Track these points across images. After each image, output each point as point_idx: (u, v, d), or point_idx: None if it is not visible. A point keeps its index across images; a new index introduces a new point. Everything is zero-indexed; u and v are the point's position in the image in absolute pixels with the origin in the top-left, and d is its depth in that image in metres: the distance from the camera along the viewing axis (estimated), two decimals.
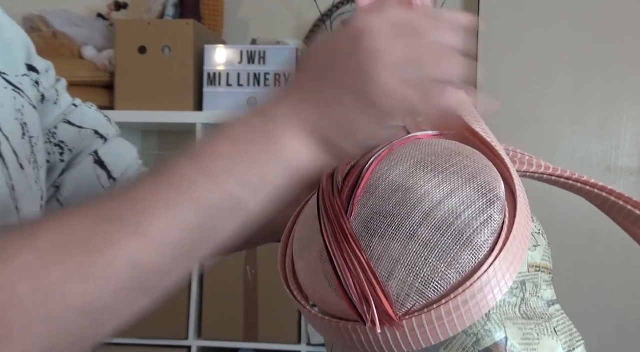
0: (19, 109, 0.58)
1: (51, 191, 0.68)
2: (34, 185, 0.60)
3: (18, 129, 0.57)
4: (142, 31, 1.86)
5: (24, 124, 0.59)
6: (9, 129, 0.55)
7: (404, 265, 0.43)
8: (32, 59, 0.65)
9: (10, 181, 0.54)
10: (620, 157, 1.83)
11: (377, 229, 0.45)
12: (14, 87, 0.59)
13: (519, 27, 1.88)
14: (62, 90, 0.69)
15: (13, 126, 0.56)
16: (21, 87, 0.60)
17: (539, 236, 0.52)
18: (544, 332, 0.47)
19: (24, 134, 0.58)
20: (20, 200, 0.57)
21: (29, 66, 0.64)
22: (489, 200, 0.44)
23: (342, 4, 2.02)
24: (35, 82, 0.65)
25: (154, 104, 1.84)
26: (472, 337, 0.44)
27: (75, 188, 0.69)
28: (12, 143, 0.55)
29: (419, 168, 0.47)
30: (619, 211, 0.54)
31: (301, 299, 0.48)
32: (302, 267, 0.49)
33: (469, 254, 0.42)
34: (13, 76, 0.59)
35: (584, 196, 0.56)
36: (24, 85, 0.60)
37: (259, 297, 1.83)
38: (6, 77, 0.58)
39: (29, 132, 0.59)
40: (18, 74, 0.61)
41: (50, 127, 0.67)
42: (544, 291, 0.50)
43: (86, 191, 0.68)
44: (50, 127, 0.67)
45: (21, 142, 0.57)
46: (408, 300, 0.42)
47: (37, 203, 0.61)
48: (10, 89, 0.58)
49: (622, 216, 0.54)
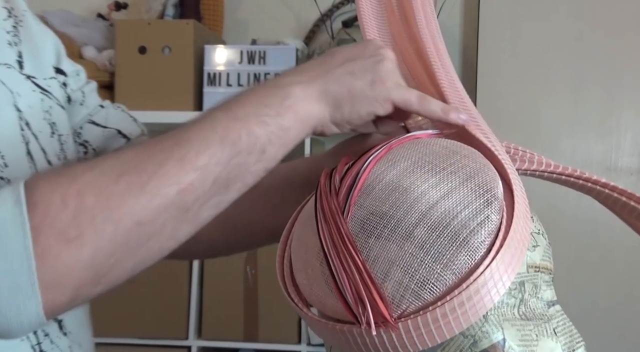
0: (47, 110, 0.62)
1: None
2: None
3: (47, 128, 0.61)
4: (142, 31, 1.86)
5: (53, 123, 0.62)
6: (38, 128, 0.59)
7: (399, 266, 0.42)
8: (61, 63, 0.68)
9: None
10: (620, 157, 1.83)
11: (373, 230, 0.44)
12: (42, 89, 0.62)
13: (519, 27, 1.88)
14: (89, 92, 0.72)
15: (42, 125, 0.60)
16: (49, 89, 0.63)
17: (538, 236, 0.51)
18: (543, 333, 0.47)
19: (53, 133, 0.62)
20: None
21: (57, 69, 0.67)
22: (486, 200, 0.44)
23: (342, 4, 2.02)
24: (63, 83, 0.68)
25: (154, 104, 1.84)
26: (469, 338, 0.44)
27: None
28: (41, 141, 0.59)
29: (417, 168, 0.47)
30: (622, 206, 0.53)
31: (298, 301, 0.48)
32: (300, 268, 0.49)
33: (466, 255, 0.42)
34: (41, 79, 0.63)
35: (587, 192, 0.55)
36: (51, 88, 0.64)
37: (259, 297, 1.83)
38: (35, 81, 0.62)
39: (57, 131, 0.63)
40: (46, 77, 0.64)
41: (77, 128, 0.70)
42: (543, 292, 0.50)
43: None
44: (77, 128, 0.70)
45: (50, 140, 0.61)
46: (403, 301, 0.42)
47: None
48: (38, 91, 0.62)
49: (626, 212, 0.53)
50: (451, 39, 1.99)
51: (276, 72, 1.85)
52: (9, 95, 0.57)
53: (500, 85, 1.88)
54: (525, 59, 1.87)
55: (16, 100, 0.57)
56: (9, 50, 0.60)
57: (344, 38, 1.85)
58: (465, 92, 0.59)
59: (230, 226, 0.69)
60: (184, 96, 1.85)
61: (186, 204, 0.47)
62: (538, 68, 1.86)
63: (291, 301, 0.48)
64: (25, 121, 0.58)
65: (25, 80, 0.60)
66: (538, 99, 1.86)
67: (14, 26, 0.62)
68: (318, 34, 2.06)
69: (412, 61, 0.62)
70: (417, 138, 0.53)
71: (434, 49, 0.59)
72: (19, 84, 0.59)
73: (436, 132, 0.56)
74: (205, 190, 0.47)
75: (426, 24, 0.61)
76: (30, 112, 0.59)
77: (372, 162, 0.49)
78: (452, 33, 2.02)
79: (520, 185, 0.48)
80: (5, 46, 0.60)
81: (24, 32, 0.63)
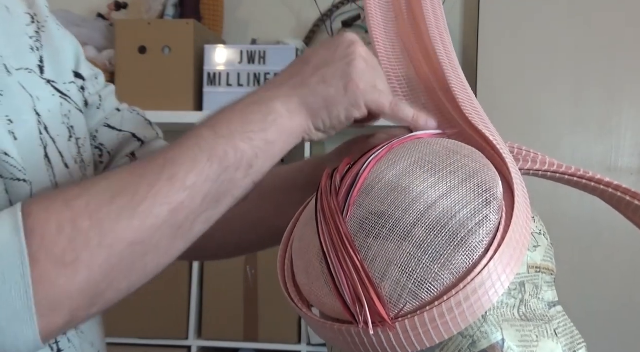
0: (65, 114, 0.63)
1: None
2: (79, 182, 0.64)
3: (65, 132, 0.62)
4: (142, 31, 1.86)
5: (71, 127, 0.63)
6: (56, 132, 0.60)
7: (397, 266, 0.42)
8: (80, 67, 0.69)
9: (54, 179, 0.58)
10: (620, 157, 1.83)
11: (372, 229, 0.44)
12: (61, 93, 0.63)
13: (519, 27, 1.88)
14: (107, 96, 0.73)
15: (60, 129, 0.61)
16: (68, 93, 0.64)
17: (540, 236, 0.51)
18: (544, 334, 0.47)
19: (71, 136, 0.63)
20: None
21: (75, 73, 0.68)
22: (485, 200, 0.44)
23: (342, 4, 2.02)
24: (81, 87, 0.69)
25: (154, 104, 1.84)
26: (468, 339, 0.44)
27: None
28: (58, 144, 0.60)
29: (416, 167, 0.47)
30: (627, 205, 0.53)
31: (298, 301, 0.48)
32: (301, 268, 0.49)
33: (463, 255, 0.42)
34: (61, 84, 0.64)
35: (591, 192, 0.55)
36: (70, 92, 0.65)
37: (259, 297, 1.83)
38: (55, 85, 0.62)
39: (75, 134, 0.64)
40: (65, 81, 0.65)
41: (92, 131, 0.70)
42: (544, 293, 0.50)
43: None
44: (92, 131, 0.70)
45: (68, 143, 0.62)
46: (401, 301, 0.42)
47: None
48: (57, 95, 0.62)
49: (631, 211, 0.53)
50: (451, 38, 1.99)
51: (276, 72, 1.85)
52: (29, 99, 0.57)
53: (500, 85, 1.88)
54: (525, 59, 1.87)
55: (36, 105, 0.58)
56: (31, 56, 0.61)
57: None
58: (473, 94, 0.59)
59: (236, 227, 0.70)
60: (184, 96, 1.85)
61: (178, 222, 0.48)
62: (538, 68, 1.86)
63: (291, 302, 0.48)
64: (44, 125, 0.59)
65: (45, 84, 0.61)
66: (538, 99, 1.86)
67: (36, 31, 0.63)
68: (318, 34, 2.06)
69: (419, 60, 0.62)
70: (418, 138, 0.53)
71: (444, 50, 0.60)
72: (39, 89, 0.60)
73: (438, 132, 0.56)
74: (196, 207, 0.48)
75: (435, 23, 0.61)
76: (49, 116, 0.60)
77: (373, 162, 0.49)
78: (452, 33, 2.00)
79: (522, 185, 0.48)
80: (27, 51, 0.60)
81: (46, 37, 0.64)
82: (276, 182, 0.67)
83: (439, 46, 0.60)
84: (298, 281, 0.49)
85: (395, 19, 0.65)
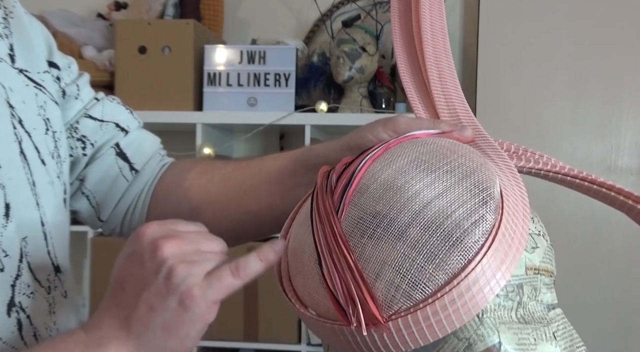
0: (41, 105, 0.59)
1: (76, 184, 0.70)
2: (56, 179, 0.61)
3: (41, 125, 0.59)
4: (142, 31, 1.86)
5: (47, 119, 0.60)
6: (31, 125, 0.57)
7: (391, 266, 0.42)
8: (53, 56, 0.66)
9: (31, 177, 0.56)
10: (620, 157, 1.82)
11: (366, 229, 0.44)
12: (35, 83, 0.60)
13: (519, 28, 1.87)
14: (83, 85, 0.70)
15: (36, 122, 0.58)
16: (42, 83, 0.61)
17: (539, 237, 0.51)
18: (542, 337, 0.46)
19: (47, 129, 0.60)
20: (41, 196, 0.58)
21: (50, 63, 0.65)
22: (482, 199, 0.43)
23: (342, 4, 2.02)
24: (57, 78, 0.66)
25: (154, 104, 1.84)
26: (464, 341, 0.43)
27: (98, 180, 0.70)
28: (34, 139, 0.57)
29: (412, 167, 0.47)
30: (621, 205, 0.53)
31: (296, 300, 0.48)
32: (296, 267, 0.48)
33: (458, 256, 0.41)
34: (35, 73, 0.60)
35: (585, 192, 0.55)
36: (45, 82, 0.62)
37: (259, 297, 1.83)
38: (28, 75, 0.59)
39: (52, 127, 0.60)
40: (39, 70, 0.62)
41: (72, 122, 0.68)
42: (543, 295, 0.49)
43: (109, 183, 0.70)
44: (72, 122, 0.68)
45: (44, 137, 0.59)
46: (395, 301, 0.41)
47: (59, 197, 0.62)
48: (32, 85, 0.59)
49: (626, 210, 0.53)
50: (451, 39, 1.98)
51: (276, 72, 1.85)
52: (0, 90, 0.55)
53: (500, 85, 1.87)
54: (525, 59, 1.86)
55: (8, 96, 0.55)
56: (0, 43, 0.58)
57: (344, 38, 1.84)
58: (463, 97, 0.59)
59: (243, 213, 0.67)
60: (184, 96, 1.85)
61: None
62: (538, 68, 1.85)
63: (289, 301, 0.48)
64: (19, 118, 0.56)
65: (17, 74, 0.58)
66: (538, 99, 1.86)
67: (4, 17, 0.60)
68: (318, 34, 2.06)
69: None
70: (415, 137, 0.53)
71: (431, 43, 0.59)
72: (11, 79, 0.57)
73: (436, 131, 0.55)
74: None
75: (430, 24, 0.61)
76: (24, 108, 0.57)
77: (369, 161, 0.49)
78: (452, 33, 2.01)
79: (519, 183, 0.47)
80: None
81: (15, 24, 0.60)
82: (286, 164, 0.64)
83: (427, 33, 0.59)
84: (294, 281, 0.49)
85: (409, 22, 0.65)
